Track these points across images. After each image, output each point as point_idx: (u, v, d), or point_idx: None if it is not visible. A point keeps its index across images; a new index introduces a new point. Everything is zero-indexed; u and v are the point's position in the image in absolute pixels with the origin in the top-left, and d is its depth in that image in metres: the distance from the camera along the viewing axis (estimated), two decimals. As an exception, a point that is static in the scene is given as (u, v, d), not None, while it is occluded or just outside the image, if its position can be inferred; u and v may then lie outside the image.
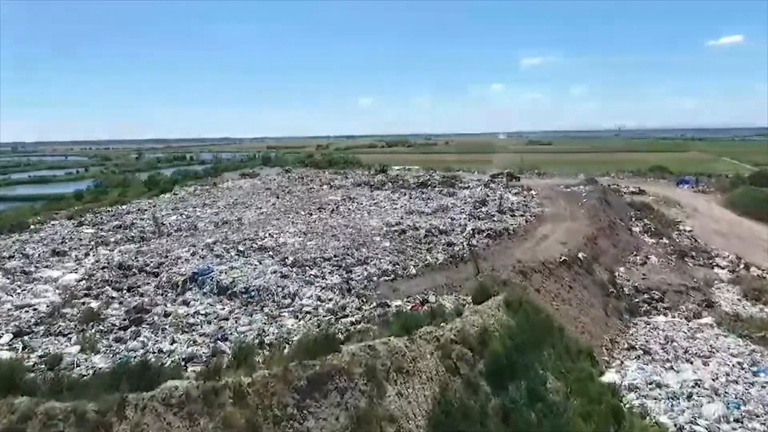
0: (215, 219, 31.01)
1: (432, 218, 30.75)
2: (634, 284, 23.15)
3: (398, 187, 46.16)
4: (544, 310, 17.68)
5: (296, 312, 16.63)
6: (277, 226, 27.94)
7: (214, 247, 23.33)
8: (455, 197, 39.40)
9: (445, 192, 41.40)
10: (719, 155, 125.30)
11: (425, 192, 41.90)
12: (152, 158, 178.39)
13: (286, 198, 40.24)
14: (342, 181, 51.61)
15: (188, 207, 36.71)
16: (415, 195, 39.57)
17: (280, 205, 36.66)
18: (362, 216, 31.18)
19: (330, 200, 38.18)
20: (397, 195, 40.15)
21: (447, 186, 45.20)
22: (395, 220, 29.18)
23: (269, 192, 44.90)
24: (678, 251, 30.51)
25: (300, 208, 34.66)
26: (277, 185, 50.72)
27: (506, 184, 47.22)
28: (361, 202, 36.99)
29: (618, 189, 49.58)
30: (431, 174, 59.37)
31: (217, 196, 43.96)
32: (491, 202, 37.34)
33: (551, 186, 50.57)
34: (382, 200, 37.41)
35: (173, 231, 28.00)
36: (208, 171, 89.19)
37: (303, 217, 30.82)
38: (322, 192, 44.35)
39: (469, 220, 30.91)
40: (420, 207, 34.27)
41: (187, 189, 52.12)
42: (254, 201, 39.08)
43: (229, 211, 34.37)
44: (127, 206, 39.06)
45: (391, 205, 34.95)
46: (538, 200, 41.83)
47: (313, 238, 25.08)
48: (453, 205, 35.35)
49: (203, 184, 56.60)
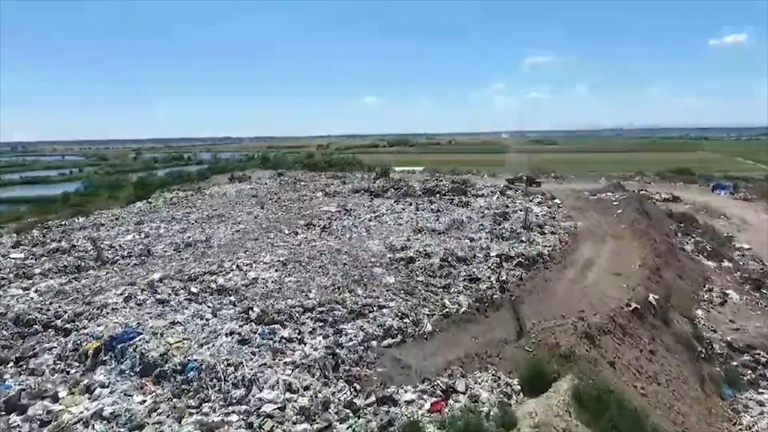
0: (179, 239, 24.83)
1: (445, 238, 24.53)
2: (724, 338, 16.88)
3: (402, 195, 39.94)
4: (629, 400, 11.52)
5: (250, 413, 10.48)
6: (252, 252, 21.73)
7: (159, 286, 17.14)
8: (469, 208, 33.15)
9: (457, 201, 35.12)
10: (730, 155, 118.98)
11: (434, 201, 35.64)
12: (149, 158, 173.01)
13: (272, 209, 34.02)
14: (339, 187, 45.36)
15: (155, 221, 30.53)
16: (422, 205, 33.30)
17: (263, 218, 30.45)
18: (360, 236, 24.97)
19: (323, 212, 31.98)
20: (401, 205, 33.89)
21: (458, 194, 38.93)
22: (401, 243, 22.96)
23: (255, 200, 38.69)
24: (750, 279, 24.24)
25: (285, 223, 28.44)
26: (267, 191, 44.53)
27: (525, 190, 40.94)
28: (359, 214, 30.77)
29: (649, 195, 43.26)
30: (438, 178, 53.10)
31: (196, 205, 37.79)
32: (513, 215, 31.13)
33: (574, 192, 44.32)
34: (384, 212, 31.18)
35: (120, 257, 21.82)
36: (201, 173, 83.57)
37: (287, 238, 24.61)
38: (315, 200, 38.14)
39: (491, 240, 24.72)
40: (429, 222, 28.04)
41: (165, 196, 46.04)
42: (234, 212, 32.87)
43: (201, 227, 28.18)
44: (86, 219, 32.92)
45: (395, 220, 28.72)
46: (566, 211, 35.62)
47: (294, 271, 18.86)
48: (468, 219, 29.10)
49: (187, 189, 50.47)
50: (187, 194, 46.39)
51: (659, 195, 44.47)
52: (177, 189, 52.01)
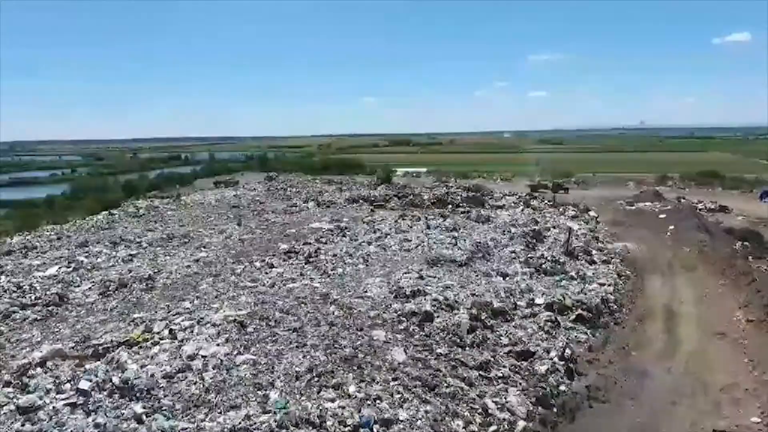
0: (116, 274, 18.40)
1: (470, 274, 18.10)
2: None
3: (408, 206, 33.53)
4: None
5: None
6: (203, 301, 15.31)
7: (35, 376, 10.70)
8: (491, 225, 26.71)
9: (475, 216, 28.65)
10: (744, 155, 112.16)
11: (446, 215, 29.17)
12: (146, 159, 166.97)
13: (251, 225, 27.58)
14: (335, 195, 38.95)
15: (103, 241, 24.13)
16: (433, 221, 26.79)
17: (236, 240, 24.02)
18: (355, 269, 18.53)
19: (312, 230, 25.59)
20: (408, 221, 27.42)
21: (475, 204, 32.48)
22: (410, 282, 16.50)
23: (234, 212, 32.31)
24: None
25: (262, 248, 22.00)
26: (251, 200, 38.15)
27: (554, 201, 34.46)
28: (355, 234, 24.34)
29: (692, 205, 36.70)
30: (447, 183, 46.68)
31: (164, 218, 31.43)
32: (548, 235, 24.74)
33: (607, 201, 37.90)
34: (388, 231, 24.71)
35: (19, 307, 15.39)
36: (184, 177, 77.99)
37: (257, 273, 18.11)
38: (305, 213, 31.73)
39: (530, 276, 18.31)
40: (445, 246, 21.58)
41: (138, 205, 39.74)
42: (204, 230, 26.48)
43: (154, 253, 21.78)
44: (23, 238, 26.57)
45: (401, 243, 22.24)
46: (606, 227, 29.19)
47: (254, 340, 12.33)
48: (494, 242, 22.65)
49: (165, 197, 44.16)
50: (162, 203, 40.10)
51: (703, 204, 37.92)
52: (154, 196, 45.73)
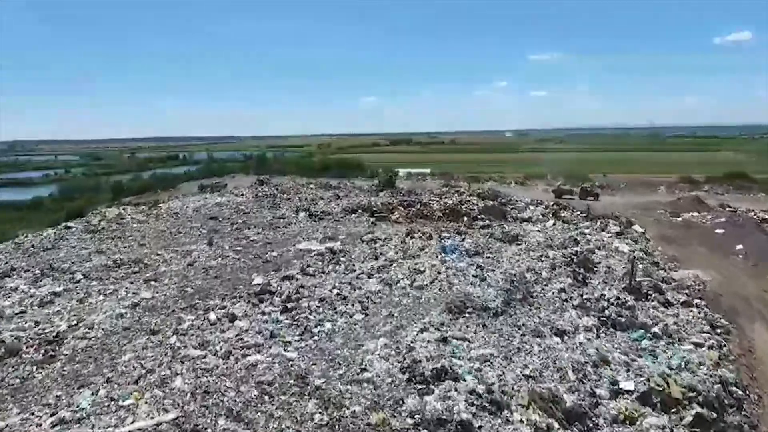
0: (10, 333, 12.84)
1: (512, 331, 12.56)
2: None
3: (415, 217, 28.03)
4: None
5: None
6: (113, 388, 9.78)
7: None
8: (523, 246, 21.14)
9: (499, 232, 23.05)
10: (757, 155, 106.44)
11: (463, 231, 23.60)
12: (143, 158, 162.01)
13: (224, 247, 22.03)
14: (331, 204, 33.42)
15: (32, 270, 18.61)
16: (450, 242, 21.19)
17: (198, 270, 18.43)
18: (350, 324, 12.94)
19: (297, 254, 20.09)
20: (418, 240, 21.84)
21: (495, 216, 26.93)
22: (429, 352, 10.91)
23: (210, 226, 26.82)
24: None
25: (228, 285, 16.42)
26: (234, 209, 32.62)
27: (587, 211, 28.84)
28: (351, 261, 18.77)
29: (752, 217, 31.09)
30: (457, 188, 41.14)
31: (124, 235, 25.91)
32: (594, 259, 19.23)
33: (642, 209, 32.39)
34: (393, 257, 19.13)
35: None
36: (166, 179, 73.43)
37: (209, 334, 12.49)
38: (294, 227, 26.20)
39: (596, 332, 12.82)
40: (469, 281, 16.01)
41: (106, 213, 34.28)
42: (164, 254, 20.94)
43: (86, 290, 16.21)
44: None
45: (411, 277, 16.63)
46: (657, 245, 23.67)
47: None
48: (533, 273, 17.09)
49: (140, 203, 38.69)
50: (135, 211, 34.63)
51: (754, 213, 32.32)
52: (129, 203, 40.24)
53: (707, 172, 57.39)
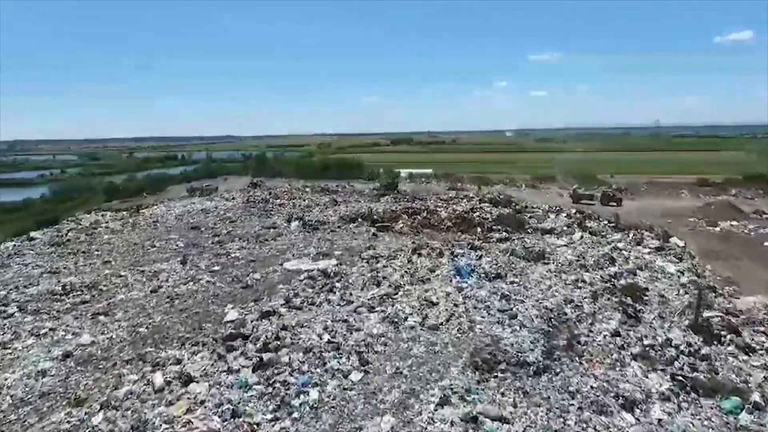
0: None
1: (562, 400, 9.21)
2: None
3: (421, 227, 24.61)
4: None
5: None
6: None
7: None
8: (551, 267, 17.70)
9: (521, 248, 19.56)
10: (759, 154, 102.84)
11: (479, 247, 20.14)
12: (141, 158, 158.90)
13: (200, 266, 18.60)
14: (327, 211, 30.02)
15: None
16: (464, 260, 17.70)
17: (163, 299, 15.03)
18: (343, 393, 9.50)
19: (283, 278, 16.70)
20: (426, 258, 18.39)
21: (512, 226, 23.45)
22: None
23: (190, 238, 23.44)
24: None
25: (193, 323, 13.02)
26: (221, 216, 29.24)
27: (616, 220, 25.37)
28: (348, 289, 15.34)
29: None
30: (465, 191, 37.73)
31: (89, 250, 22.53)
32: (634, 280, 15.81)
33: (673, 217, 28.94)
34: (398, 282, 15.71)
35: None
36: (153, 181, 69.94)
37: (149, 409, 9.10)
38: (284, 239, 22.75)
39: (677, 402, 9.41)
40: (498, 320, 12.62)
41: (81, 221, 31.01)
42: (126, 277, 17.55)
43: (13, 331, 12.84)
44: None
45: (422, 311, 13.23)
46: (703, 262, 20.22)
47: None
48: (571, 306, 13.66)
49: (122, 209, 35.38)
50: (113, 218, 31.33)
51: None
52: (110, 207, 36.87)
53: (722, 172, 54.17)
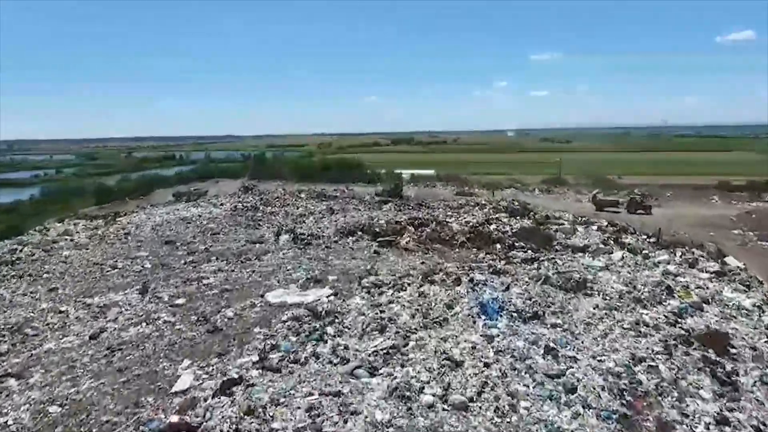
0: None
1: None
2: None
3: (430, 242, 20.98)
4: None
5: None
6: None
7: None
8: (598, 300, 14.05)
9: (555, 275, 15.86)
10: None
11: (503, 270, 16.48)
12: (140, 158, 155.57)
13: (161, 298, 14.98)
14: (323, 221, 26.42)
15: None
16: (488, 293, 14.03)
17: (100, 354, 11.42)
18: None
19: (262, 317, 13.10)
20: (439, 287, 14.73)
21: (537, 242, 19.80)
22: None
23: (153, 263, 19.84)
24: None
25: (123, 402, 9.43)
26: (203, 227, 25.66)
27: (657, 236, 21.71)
28: (342, 333, 11.74)
29: None
30: (474, 196, 34.14)
31: (38, 273, 18.95)
32: (710, 318, 12.17)
33: (713, 228, 25.38)
34: (408, 326, 12.11)
35: None
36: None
37: None
38: (269, 259, 19.10)
39: None
40: (545, 392, 9.06)
41: (48, 232, 27.53)
42: (67, 315, 13.98)
43: None
44: None
45: (439, 379, 9.65)
46: None
47: None
48: (647, 368, 10.11)
49: (98, 217, 31.87)
50: (87, 227, 27.82)
51: None
52: (85, 215, 33.29)
53: (739, 174, 50.80)
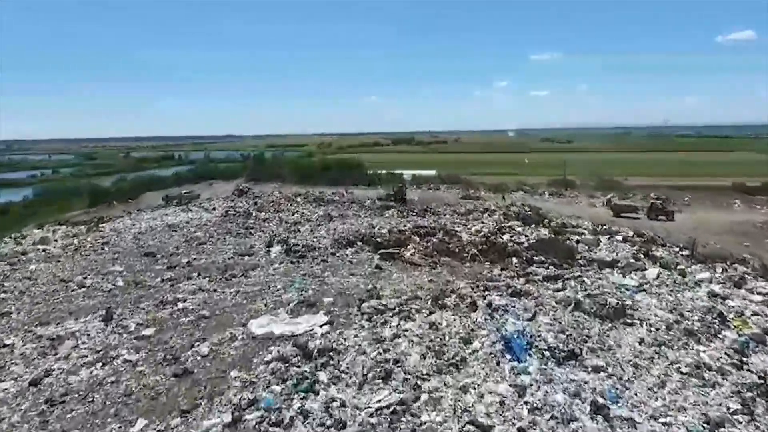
0: None
1: None
2: None
3: (438, 255, 18.73)
4: None
5: None
6: None
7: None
8: (641, 332, 11.81)
9: (585, 297, 13.60)
10: None
11: (523, 291, 14.19)
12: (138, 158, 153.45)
13: (126, 328, 12.72)
14: (320, 230, 24.17)
15: None
16: (511, 325, 11.78)
17: (33, 411, 9.20)
18: None
19: (241, 354, 10.84)
20: (452, 313, 12.47)
21: (559, 256, 17.53)
22: None
23: (126, 279, 17.59)
24: None
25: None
26: (189, 236, 23.42)
27: (692, 249, 19.42)
28: (337, 380, 9.51)
29: None
30: (478, 200, 31.90)
31: (4, 286, 16.74)
32: None
33: (739, 235, 23.14)
34: (414, 364, 9.89)
35: None
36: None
37: None
38: (255, 276, 16.83)
39: None
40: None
41: (22, 240, 25.37)
42: (8, 351, 11.72)
43: None
44: None
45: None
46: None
47: None
48: (711, 423, 7.89)
49: (80, 223, 29.68)
50: (66, 234, 25.65)
51: None
52: (67, 221, 31.06)
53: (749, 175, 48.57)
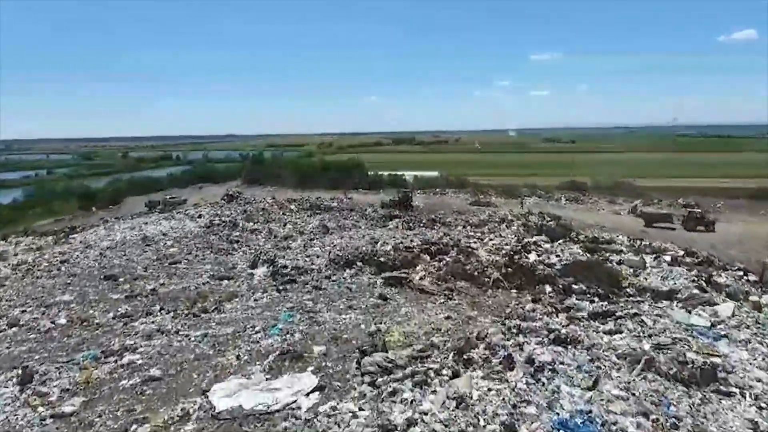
0: None
1: None
2: None
3: (453, 279, 15.47)
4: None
5: None
6: None
7: None
8: (741, 407, 8.55)
9: (661, 358, 10.31)
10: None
11: (573, 345, 10.92)
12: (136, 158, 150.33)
13: (44, 398, 9.49)
14: (314, 246, 20.89)
15: None
16: (568, 396, 8.55)
17: None
18: None
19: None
20: (486, 377, 9.20)
21: (602, 284, 14.28)
22: None
23: (72, 313, 14.33)
24: None
25: None
26: (160, 255, 20.15)
27: (761, 276, 16.15)
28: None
29: None
30: (490, 206, 28.67)
31: None
32: None
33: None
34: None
35: None
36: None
37: None
38: (232, 311, 13.56)
39: None
40: None
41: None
42: None
43: None
44: None
45: None
46: None
47: None
48: None
49: (50, 233, 26.48)
50: (29, 247, 22.42)
51: None
52: (34, 231, 27.81)
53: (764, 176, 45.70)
